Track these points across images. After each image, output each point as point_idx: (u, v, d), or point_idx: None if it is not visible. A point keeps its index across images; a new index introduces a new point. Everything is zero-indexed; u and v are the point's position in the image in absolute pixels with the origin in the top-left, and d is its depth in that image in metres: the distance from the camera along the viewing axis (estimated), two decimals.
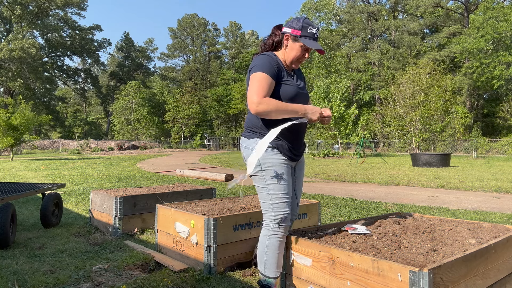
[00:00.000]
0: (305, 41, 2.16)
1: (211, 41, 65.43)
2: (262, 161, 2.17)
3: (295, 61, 2.22)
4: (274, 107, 2.05)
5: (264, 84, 2.07)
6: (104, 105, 65.23)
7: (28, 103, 24.54)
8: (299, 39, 2.16)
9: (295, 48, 2.19)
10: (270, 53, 2.23)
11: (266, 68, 2.11)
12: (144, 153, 31.46)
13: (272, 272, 2.20)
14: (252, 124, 2.26)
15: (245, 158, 2.27)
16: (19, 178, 10.58)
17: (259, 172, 2.19)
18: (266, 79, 2.09)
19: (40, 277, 2.71)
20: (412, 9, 40.32)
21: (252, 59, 2.25)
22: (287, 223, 2.20)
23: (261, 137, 2.20)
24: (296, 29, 2.16)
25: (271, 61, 2.15)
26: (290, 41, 2.20)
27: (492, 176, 11.10)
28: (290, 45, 2.21)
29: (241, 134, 2.38)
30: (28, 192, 4.12)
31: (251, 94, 2.07)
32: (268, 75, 2.10)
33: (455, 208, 5.85)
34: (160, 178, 10.76)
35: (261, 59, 2.16)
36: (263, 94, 2.06)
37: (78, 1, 51.11)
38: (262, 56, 2.19)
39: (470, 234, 2.32)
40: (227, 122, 56.06)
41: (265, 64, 2.13)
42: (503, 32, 30.35)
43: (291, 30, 2.18)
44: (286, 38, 2.22)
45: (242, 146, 2.33)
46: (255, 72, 2.11)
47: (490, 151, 29.37)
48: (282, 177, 2.17)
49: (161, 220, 3.42)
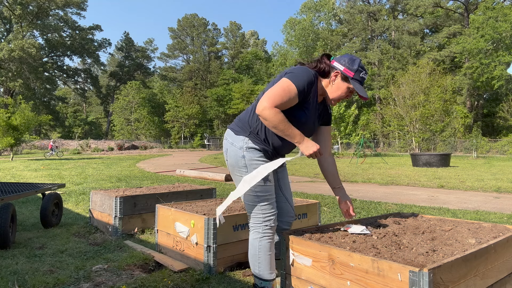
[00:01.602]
0: (356, 85, 2.07)
1: (211, 41, 65.45)
2: (248, 162, 2.14)
3: (336, 99, 2.15)
4: (277, 122, 1.98)
5: (286, 96, 2.00)
6: (104, 105, 65.25)
7: (28, 103, 24.51)
8: (350, 81, 2.08)
9: (342, 88, 2.11)
10: (315, 73, 2.12)
11: (300, 82, 2.03)
12: (144, 153, 31.46)
13: (267, 274, 2.20)
14: (246, 120, 2.21)
15: (229, 155, 2.21)
16: (19, 178, 10.57)
17: (244, 173, 2.16)
18: (292, 92, 2.01)
19: (40, 277, 2.71)
20: (412, 9, 40.33)
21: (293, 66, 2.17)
22: (275, 223, 2.22)
23: (250, 136, 2.16)
24: (350, 70, 2.07)
25: (309, 79, 2.06)
26: (338, 79, 2.12)
27: (492, 176, 11.10)
28: (337, 83, 2.12)
29: (228, 126, 2.30)
30: (28, 192, 4.12)
31: (269, 96, 2.00)
32: (297, 91, 2.02)
33: (455, 208, 5.85)
34: (160, 178, 10.76)
35: (303, 72, 2.07)
36: (277, 104, 1.99)
37: (78, 1, 51.11)
38: (306, 69, 2.10)
39: (470, 234, 2.32)
40: (227, 122, 56.03)
41: (303, 78, 2.04)
42: (503, 32, 30.35)
43: (343, 68, 2.09)
44: (335, 74, 2.12)
45: (227, 140, 2.23)
46: (288, 79, 2.03)
47: (490, 151, 29.38)
48: (268, 178, 2.17)
49: (161, 220, 3.42)
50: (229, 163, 2.23)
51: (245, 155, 2.14)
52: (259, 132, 2.17)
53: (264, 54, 64.00)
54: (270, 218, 2.18)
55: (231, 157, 2.20)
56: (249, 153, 2.14)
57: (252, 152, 2.14)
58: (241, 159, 2.15)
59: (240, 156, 2.15)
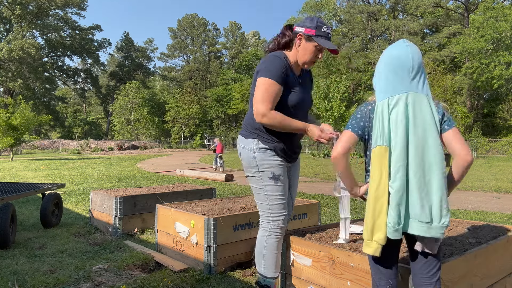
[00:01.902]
0: (320, 40, 2.08)
1: (211, 41, 65.43)
2: (260, 162, 2.17)
3: (308, 61, 2.15)
4: (278, 123, 2.05)
5: (271, 93, 2.04)
6: (104, 105, 65.21)
7: (28, 103, 24.50)
8: (314, 39, 2.08)
9: (308, 48, 2.12)
10: (279, 53, 2.15)
11: (274, 74, 2.05)
12: (144, 153, 31.46)
13: (271, 272, 2.20)
14: (251, 124, 2.24)
15: (242, 158, 2.27)
16: (19, 178, 10.57)
17: (256, 173, 2.19)
18: (273, 86, 2.04)
19: (40, 277, 2.71)
20: (412, 9, 40.32)
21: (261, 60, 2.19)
22: (285, 223, 2.21)
23: (259, 138, 2.19)
24: (311, 28, 2.08)
25: (280, 65, 2.08)
26: (303, 41, 2.12)
27: (492, 176, 11.10)
28: (303, 45, 2.13)
29: (239, 132, 2.36)
30: (28, 192, 4.12)
31: (258, 102, 2.03)
32: (277, 82, 2.05)
33: (455, 208, 5.85)
34: (160, 178, 10.76)
35: (271, 62, 2.09)
36: (269, 106, 2.03)
37: (78, 1, 51.07)
38: (272, 58, 2.12)
39: (470, 234, 2.32)
40: (227, 122, 56.04)
41: (274, 68, 2.07)
42: (503, 32, 30.32)
43: (304, 29, 2.10)
44: (299, 37, 2.13)
45: (239, 145, 2.30)
46: (263, 77, 2.06)
47: (490, 151, 29.37)
48: (279, 178, 2.18)
49: (161, 220, 3.42)
50: (243, 165, 2.28)
51: (256, 156, 2.18)
52: (265, 131, 2.19)
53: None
54: (279, 218, 2.18)
55: (244, 159, 2.25)
56: (260, 154, 2.18)
57: (262, 152, 2.18)
58: (252, 160, 2.19)
59: (251, 157, 2.20)
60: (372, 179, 1.51)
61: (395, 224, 1.44)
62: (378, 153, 1.50)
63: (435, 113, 1.50)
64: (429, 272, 1.50)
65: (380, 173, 1.48)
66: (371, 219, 1.49)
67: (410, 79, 1.52)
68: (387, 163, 1.48)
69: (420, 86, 1.53)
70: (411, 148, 1.47)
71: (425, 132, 1.47)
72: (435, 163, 1.45)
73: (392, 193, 1.46)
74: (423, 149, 1.46)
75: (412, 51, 1.54)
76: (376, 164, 1.50)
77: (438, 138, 1.47)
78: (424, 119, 1.48)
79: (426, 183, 1.44)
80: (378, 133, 1.51)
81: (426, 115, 1.48)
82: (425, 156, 1.46)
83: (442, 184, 1.44)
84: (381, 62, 1.62)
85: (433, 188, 1.44)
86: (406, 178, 1.46)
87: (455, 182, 1.54)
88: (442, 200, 1.44)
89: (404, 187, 1.45)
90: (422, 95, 1.51)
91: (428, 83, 1.56)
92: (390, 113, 1.50)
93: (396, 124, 1.48)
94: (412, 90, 1.52)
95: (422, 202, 1.44)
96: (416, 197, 1.44)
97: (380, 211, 1.47)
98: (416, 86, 1.52)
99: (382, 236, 1.47)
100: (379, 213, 1.48)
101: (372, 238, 1.50)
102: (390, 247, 1.53)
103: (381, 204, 1.47)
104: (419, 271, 1.52)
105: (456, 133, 1.53)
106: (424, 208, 1.43)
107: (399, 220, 1.44)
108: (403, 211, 1.45)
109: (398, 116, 1.48)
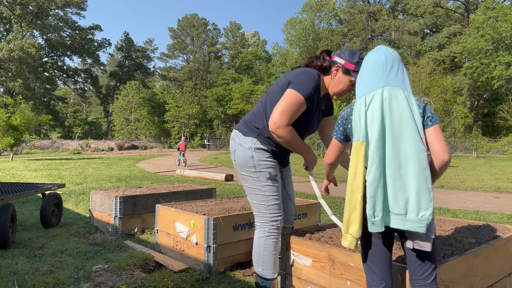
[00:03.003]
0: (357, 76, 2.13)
1: (211, 41, 65.39)
2: (257, 162, 2.17)
3: (339, 93, 2.17)
4: (289, 139, 2.06)
5: (296, 110, 2.05)
6: (104, 105, 65.19)
7: (28, 103, 24.48)
8: (351, 74, 2.09)
9: (343, 81, 2.13)
10: (315, 71, 2.15)
11: (307, 91, 2.06)
12: (144, 153, 31.45)
13: (270, 273, 2.20)
14: (255, 121, 2.23)
15: (237, 156, 2.24)
16: (19, 178, 10.57)
17: (253, 173, 2.18)
18: (300, 104, 2.06)
19: (40, 277, 2.71)
20: (412, 9, 40.31)
21: (294, 69, 2.20)
22: (282, 223, 2.23)
23: (258, 137, 2.19)
24: (351, 63, 2.08)
25: (314, 84, 2.10)
26: (340, 73, 2.13)
27: (492, 176, 11.10)
28: (339, 77, 2.13)
29: (236, 127, 2.32)
30: (28, 192, 4.12)
31: (279, 112, 2.03)
32: (305, 101, 2.07)
33: (455, 208, 5.85)
34: (160, 178, 10.76)
35: (307, 78, 2.10)
36: (288, 120, 2.04)
37: (78, 1, 51.06)
38: (309, 74, 2.12)
39: (470, 234, 2.32)
40: (227, 122, 56.03)
41: (308, 85, 2.08)
42: (503, 32, 30.32)
43: (344, 62, 2.10)
44: (336, 68, 2.13)
45: (235, 141, 2.26)
46: (296, 90, 2.06)
47: (490, 151, 29.36)
48: (276, 179, 2.20)
49: (161, 220, 3.42)
50: (237, 163, 2.25)
51: (254, 155, 2.17)
52: (266, 132, 2.19)
53: (265, 54, 63.97)
54: (278, 218, 2.19)
55: (240, 157, 2.22)
56: (257, 154, 2.18)
57: (260, 152, 2.18)
58: (249, 159, 2.18)
59: (248, 157, 2.18)
60: (349, 174, 1.54)
61: (370, 217, 1.44)
62: (355, 148, 1.52)
63: (414, 106, 1.49)
64: (424, 274, 1.48)
65: (355, 167, 1.50)
66: (347, 212, 1.52)
67: (386, 73, 1.53)
68: (363, 158, 1.49)
69: (398, 79, 1.53)
70: (387, 142, 1.46)
71: (401, 125, 1.46)
72: (411, 156, 1.43)
73: (367, 185, 1.46)
74: (399, 142, 1.45)
75: (385, 51, 1.58)
76: (353, 159, 1.52)
77: (416, 131, 1.45)
78: (401, 113, 1.47)
79: (402, 175, 1.43)
80: (356, 130, 1.53)
81: (403, 108, 1.47)
82: (400, 149, 1.45)
83: (419, 177, 1.42)
84: (361, 68, 1.65)
85: (409, 181, 1.42)
86: (383, 171, 1.45)
87: (434, 177, 1.51)
88: (420, 192, 1.41)
89: (379, 180, 1.45)
90: (399, 89, 1.51)
91: (408, 77, 1.56)
92: (367, 110, 1.51)
93: (372, 118, 1.49)
94: (389, 84, 1.52)
95: (396, 194, 1.43)
96: (391, 189, 1.44)
97: (355, 204, 1.49)
98: (394, 79, 1.53)
99: (356, 229, 1.48)
100: (353, 206, 1.49)
101: (348, 231, 1.51)
102: (381, 246, 1.53)
103: (356, 198, 1.49)
104: (413, 272, 1.51)
105: (436, 131, 1.51)
106: (398, 199, 1.42)
107: (374, 213, 1.44)
108: (380, 203, 1.44)
109: (374, 110, 1.49)
